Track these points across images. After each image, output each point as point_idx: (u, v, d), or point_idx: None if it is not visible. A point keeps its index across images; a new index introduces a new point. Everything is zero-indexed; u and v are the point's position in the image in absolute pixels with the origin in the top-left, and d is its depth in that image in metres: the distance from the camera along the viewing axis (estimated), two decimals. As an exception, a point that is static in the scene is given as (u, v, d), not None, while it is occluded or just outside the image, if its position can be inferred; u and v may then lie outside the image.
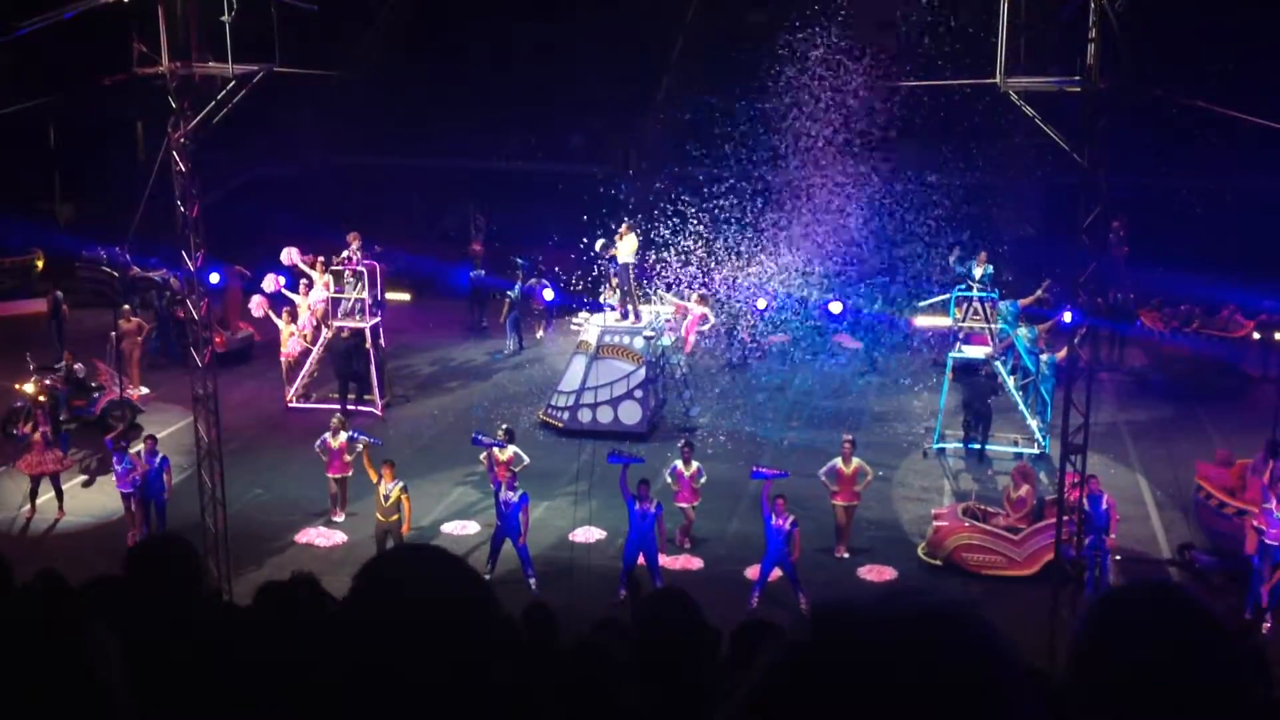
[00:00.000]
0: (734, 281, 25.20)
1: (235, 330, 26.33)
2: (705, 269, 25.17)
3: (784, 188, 25.76)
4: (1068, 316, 17.91)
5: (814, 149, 24.84)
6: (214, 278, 24.71)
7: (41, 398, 20.91)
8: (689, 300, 24.17)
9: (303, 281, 23.92)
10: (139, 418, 21.84)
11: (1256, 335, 25.63)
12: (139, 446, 17.92)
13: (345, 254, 23.39)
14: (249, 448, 21.13)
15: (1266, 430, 17.66)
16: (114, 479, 17.84)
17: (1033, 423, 21.50)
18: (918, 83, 21.47)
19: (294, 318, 23.81)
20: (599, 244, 22.90)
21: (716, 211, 25.46)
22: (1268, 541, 15.41)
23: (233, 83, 14.65)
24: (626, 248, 22.64)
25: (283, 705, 3.20)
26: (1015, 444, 21.58)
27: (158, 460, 17.74)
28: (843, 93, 23.94)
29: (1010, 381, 21.54)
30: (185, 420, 18.91)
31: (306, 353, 23.78)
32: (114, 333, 23.74)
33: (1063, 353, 19.65)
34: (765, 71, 25.03)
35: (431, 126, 32.48)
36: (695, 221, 25.65)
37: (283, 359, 23.84)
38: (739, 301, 25.20)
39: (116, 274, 29.35)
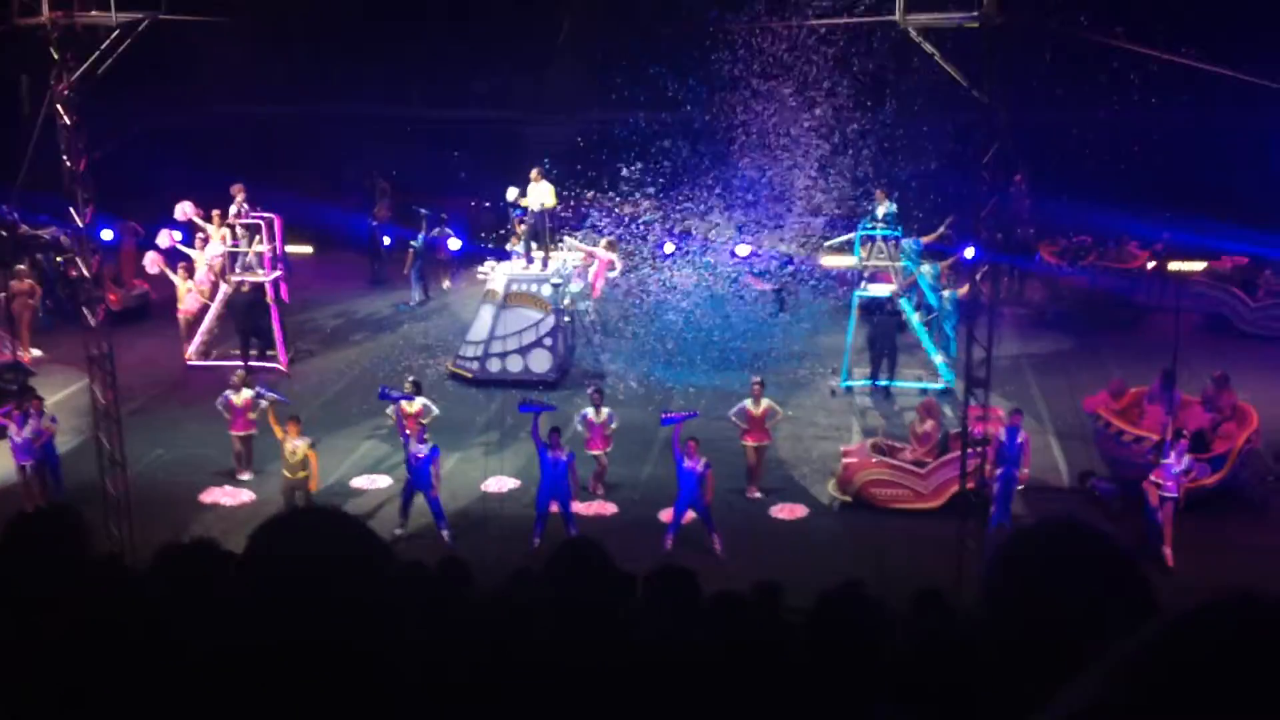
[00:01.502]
0: (641, 226, 25.05)
1: (130, 288, 25.64)
2: (615, 215, 24.98)
3: (691, 131, 25.61)
4: (969, 253, 18.14)
5: (721, 90, 24.68)
6: (107, 234, 24.03)
7: None
8: (597, 246, 24.03)
9: (199, 236, 23.34)
10: (30, 380, 21.20)
11: (1150, 265, 26.24)
12: (31, 412, 17.33)
13: (233, 208, 22.84)
14: (148, 408, 20.66)
15: (1162, 358, 18.13)
16: (11, 450, 17.19)
17: (937, 358, 21.80)
18: (819, 21, 21.41)
19: (191, 273, 23.25)
20: (511, 192, 22.64)
21: (628, 158, 25.26)
22: (1165, 494, 15.73)
23: (117, 31, 14.17)
24: (537, 195, 22.46)
25: (180, 668, 3.10)
26: (920, 380, 21.89)
27: (45, 421, 17.26)
28: (746, 33, 23.78)
29: (914, 318, 21.81)
30: (80, 382, 18.39)
31: (205, 309, 23.24)
32: (3, 293, 22.98)
33: (965, 289, 19.95)
34: (666, 13, 24.82)
35: (331, 74, 31.71)
36: (606, 167, 25.47)
37: (180, 316, 23.28)
38: (646, 245, 25.05)
39: (4, 233, 28.40)
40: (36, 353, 22.60)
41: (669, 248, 25.29)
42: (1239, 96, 21.86)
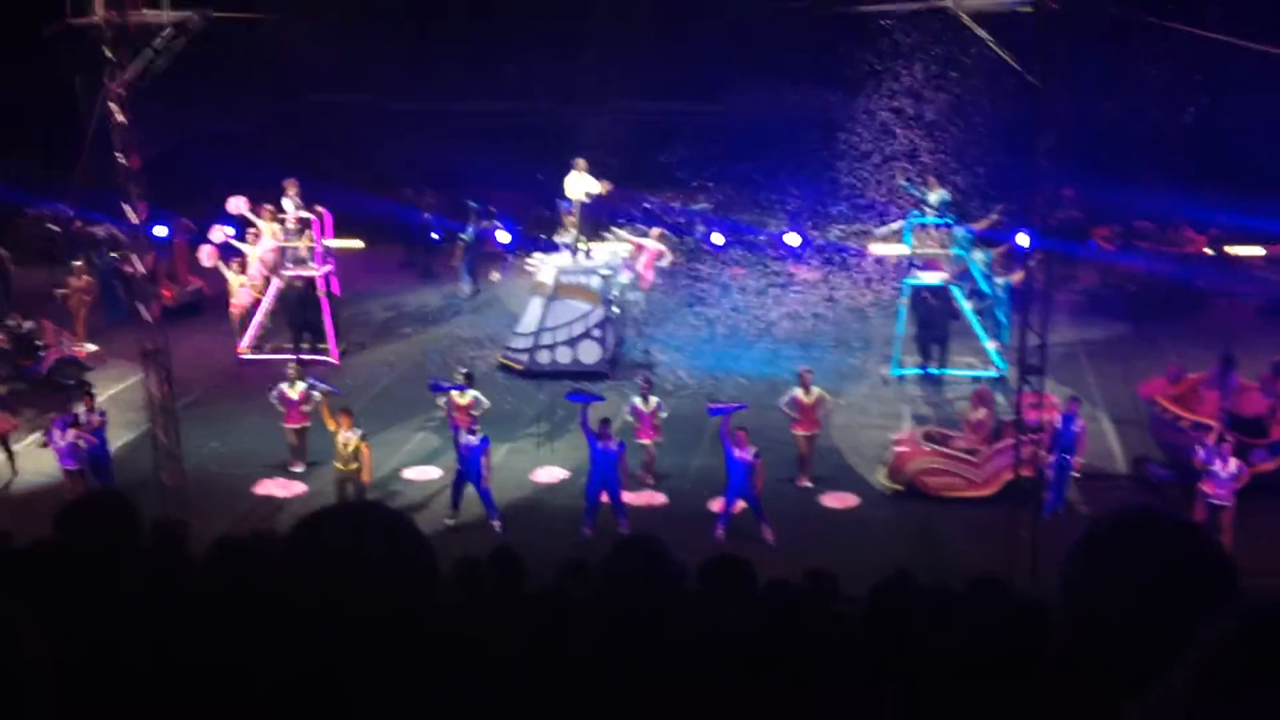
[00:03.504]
0: (689, 216, 24.98)
1: (184, 284, 25.91)
2: (662, 205, 24.94)
3: (741, 120, 25.50)
4: (1022, 239, 17.92)
5: (769, 78, 24.55)
6: (160, 231, 24.25)
7: None
8: (646, 237, 23.99)
9: (251, 231, 23.54)
10: (87, 375, 21.49)
11: (1209, 250, 25.78)
12: (81, 409, 17.46)
13: (286, 202, 23.03)
14: (202, 401, 20.88)
15: (1220, 344, 17.85)
16: (56, 455, 17.15)
17: (989, 346, 21.60)
18: (867, 8, 21.18)
19: (243, 268, 23.45)
20: (602, 187, 22.57)
21: (675, 148, 25.18)
22: (1217, 503, 15.39)
23: (169, 30, 14.32)
24: (578, 185, 22.48)
25: (236, 654, 3.13)
26: (972, 368, 21.69)
27: (97, 417, 17.42)
28: (797, 19, 23.61)
29: (966, 306, 21.60)
30: (136, 377, 18.61)
31: (257, 303, 23.44)
32: (61, 290, 23.29)
33: (1018, 276, 19.71)
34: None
35: (380, 69, 31.86)
36: (653, 158, 25.38)
37: (233, 311, 23.50)
38: (694, 237, 24.98)
39: (60, 229, 28.77)
40: (92, 347, 22.86)
41: (717, 238, 25.19)
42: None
